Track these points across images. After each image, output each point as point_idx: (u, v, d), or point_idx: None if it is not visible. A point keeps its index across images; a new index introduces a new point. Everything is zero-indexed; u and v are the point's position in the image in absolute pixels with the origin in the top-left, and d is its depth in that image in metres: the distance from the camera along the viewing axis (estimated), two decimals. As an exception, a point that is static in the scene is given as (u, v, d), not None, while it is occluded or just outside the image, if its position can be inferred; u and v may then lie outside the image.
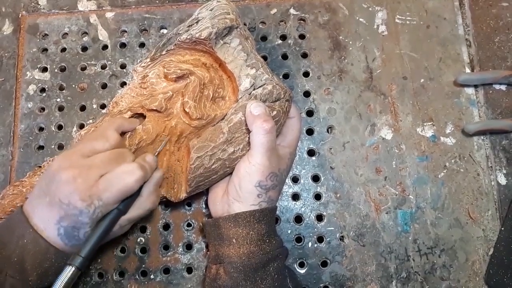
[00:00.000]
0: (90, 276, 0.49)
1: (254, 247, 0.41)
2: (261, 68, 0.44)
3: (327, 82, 0.54)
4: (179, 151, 0.47)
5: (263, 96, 0.43)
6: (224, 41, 0.45)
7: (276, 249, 0.42)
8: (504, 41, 0.54)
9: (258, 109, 0.42)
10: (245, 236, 0.41)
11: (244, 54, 0.45)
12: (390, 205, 0.50)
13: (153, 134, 0.46)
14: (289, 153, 0.46)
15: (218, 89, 0.47)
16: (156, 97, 0.46)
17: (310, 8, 0.56)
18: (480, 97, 0.53)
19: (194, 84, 0.46)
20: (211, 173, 0.44)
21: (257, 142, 0.42)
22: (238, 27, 0.46)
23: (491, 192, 0.50)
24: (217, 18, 0.44)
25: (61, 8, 0.58)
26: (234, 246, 0.41)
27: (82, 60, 0.55)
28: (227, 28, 0.44)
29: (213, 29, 0.44)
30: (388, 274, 0.49)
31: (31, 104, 0.54)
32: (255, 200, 0.42)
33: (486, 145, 0.52)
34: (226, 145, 0.43)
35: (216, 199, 0.46)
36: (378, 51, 0.54)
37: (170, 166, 0.47)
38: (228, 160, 0.44)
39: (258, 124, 0.41)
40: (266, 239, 0.42)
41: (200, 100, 0.46)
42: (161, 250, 0.50)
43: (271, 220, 0.44)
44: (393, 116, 0.53)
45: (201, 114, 0.45)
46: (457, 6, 0.56)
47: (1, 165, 0.52)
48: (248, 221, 0.41)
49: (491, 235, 0.49)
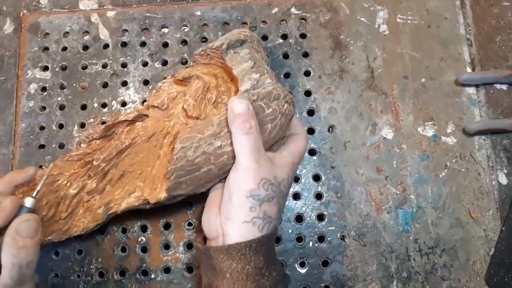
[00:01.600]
0: (91, 275, 0.49)
1: (251, 283, 0.36)
2: (266, 74, 0.43)
3: (328, 81, 0.54)
4: (171, 153, 0.45)
5: (260, 95, 0.41)
6: (235, 51, 0.45)
7: (276, 282, 0.37)
8: (505, 40, 0.54)
9: (240, 106, 0.38)
10: (240, 271, 0.36)
11: (251, 62, 0.44)
12: (391, 204, 0.50)
13: (150, 131, 0.46)
14: (291, 162, 0.41)
15: (223, 95, 0.47)
16: (160, 95, 0.47)
17: (311, 7, 0.56)
18: (481, 96, 0.53)
19: (198, 85, 0.46)
20: (194, 168, 0.41)
21: (238, 143, 0.38)
22: (252, 42, 0.46)
23: (492, 192, 0.50)
24: (232, 33, 0.45)
25: (62, 7, 0.58)
26: (228, 281, 0.36)
27: (83, 59, 0.55)
28: (239, 41, 0.45)
29: (225, 40, 0.45)
30: (389, 273, 0.49)
31: (32, 103, 0.54)
32: (248, 216, 0.37)
33: (487, 145, 0.52)
34: (213, 138, 0.40)
35: (210, 219, 0.40)
36: (379, 51, 0.54)
37: (161, 166, 0.46)
38: (213, 155, 0.40)
39: (237, 124, 0.38)
40: (265, 272, 0.37)
41: (201, 101, 0.46)
42: (162, 249, 0.50)
43: (270, 248, 0.38)
44: (394, 116, 0.53)
45: (198, 113, 0.45)
46: (458, 5, 0.56)
47: (2, 164, 0.52)
48: (243, 254, 0.36)
49: (492, 235, 0.49)
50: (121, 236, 0.50)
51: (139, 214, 0.50)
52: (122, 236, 0.50)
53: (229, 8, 0.56)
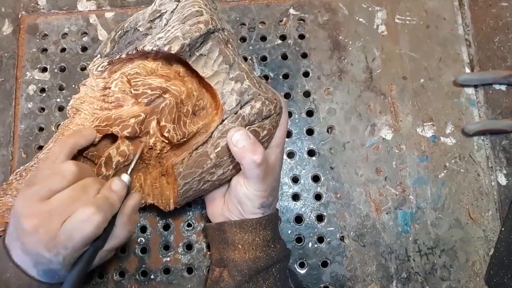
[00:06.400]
0: (91, 276, 0.49)
1: (260, 253, 0.41)
2: (247, 80, 0.39)
3: (327, 82, 0.54)
4: (160, 165, 0.45)
5: (251, 116, 0.39)
6: (201, 53, 0.39)
7: (280, 252, 0.42)
8: (504, 41, 0.54)
9: (241, 139, 0.38)
10: (251, 242, 0.41)
11: (226, 65, 0.39)
12: (390, 205, 0.50)
13: (131, 155, 0.43)
14: (279, 152, 0.44)
15: (198, 101, 0.42)
16: (126, 122, 0.41)
17: (310, 8, 0.56)
18: (480, 97, 0.53)
19: (170, 106, 0.40)
20: (201, 192, 0.43)
21: (251, 175, 0.39)
22: (215, 31, 0.39)
23: (491, 193, 0.50)
24: (188, 24, 0.37)
25: (61, 8, 0.58)
26: (240, 251, 0.41)
27: (81, 60, 0.55)
28: (202, 36, 0.38)
29: (185, 41, 0.37)
30: (388, 274, 0.49)
31: (31, 104, 0.54)
32: (259, 215, 0.42)
33: (486, 145, 0.52)
34: (214, 168, 0.41)
35: (215, 212, 0.46)
36: (378, 51, 0.54)
37: (154, 179, 0.45)
38: (218, 181, 0.42)
39: (247, 159, 0.38)
40: (271, 245, 0.42)
41: (179, 120, 0.41)
42: (162, 250, 0.50)
43: (275, 225, 0.44)
44: (393, 116, 0.53)
45: (182, 135, 0.41)
46: (456, 6, 0.56)
47: (1, 165, 0.52)
48: (254, 228, 0.41)
49: (492, 235, 0.49)
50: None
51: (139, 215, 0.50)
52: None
53: (228, 9, 0.56)
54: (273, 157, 0.43)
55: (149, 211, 0.50)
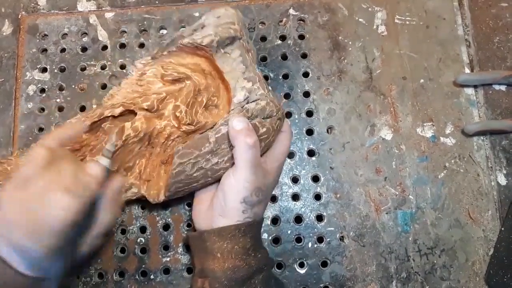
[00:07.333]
0: (90, 276, 0.49)
1: (239, 262, 0.40)
2: (258, 83, 0.44)
3: (327, 82, 0.54)
4: (164, 153, 0.47)
5: (255, 111, 0.42)
6: (225, 51, 0.45)
7: (261, 261, 0.41)
8: (503, 41, 0.54)
9: (240, 124, 0.40)
10: (230, 251, 0.40)
11: (243, 66, 0.44)
12: (390, 205, 0.50)
13: (141, 133, 0.45)
14: (277, 167, 0.45)
15: (213, 97, 0.47)
16: (149, 96, 0.46)
17: (310, 8, 0.56)
18: (479, 97, 0.53)
19: (188, 89, 0.46)
20: (192, 180, 0.43)
21: (241, 158, 0.40)
22: (241, 39, 0.45)
23: (491, 193, 0.50)
24: (221, 27, 0.44)
25: (61, 8, 0.58)
26: (219, 260, 0.40)
27: (81, 61, 0.55)
28: (229, 38, 0.44)
29: (215, 37, 0.43)
30: (388, 274, 0.49)
31: (31, 105, 0.54)
32: (240, 216, 0.41)
33: (486, 146, 0.52)
34: (210, 155, 0.42)
35: (200, 213, 0.44)
36: (377, 52, 0.54)
37: (153, 167, 0.47)
38: (210, 171, 0.43)
39: (240, 139, 0.40)
40: (252, 253, 0.41)
41: (192, 106, 0.46)
42: (161, 250, 0.50)
43: (257, 233, 0.43)
44: (392, 117, 0.53)
45: (191, 120, 0.45)
46: (456, 6, 0.56)
47: (1, 165, 0.52)
48: (233, 235, 0.40)
49: (491, 235, 0.49)
50: (120, 237, 0.50)
51: (139, 215, 0.50)
52: (121, 237, 0.50)
53: (228, 9, 0.56)
54: (269, 167, 0.44)
55: (148, 211, 0.51)
